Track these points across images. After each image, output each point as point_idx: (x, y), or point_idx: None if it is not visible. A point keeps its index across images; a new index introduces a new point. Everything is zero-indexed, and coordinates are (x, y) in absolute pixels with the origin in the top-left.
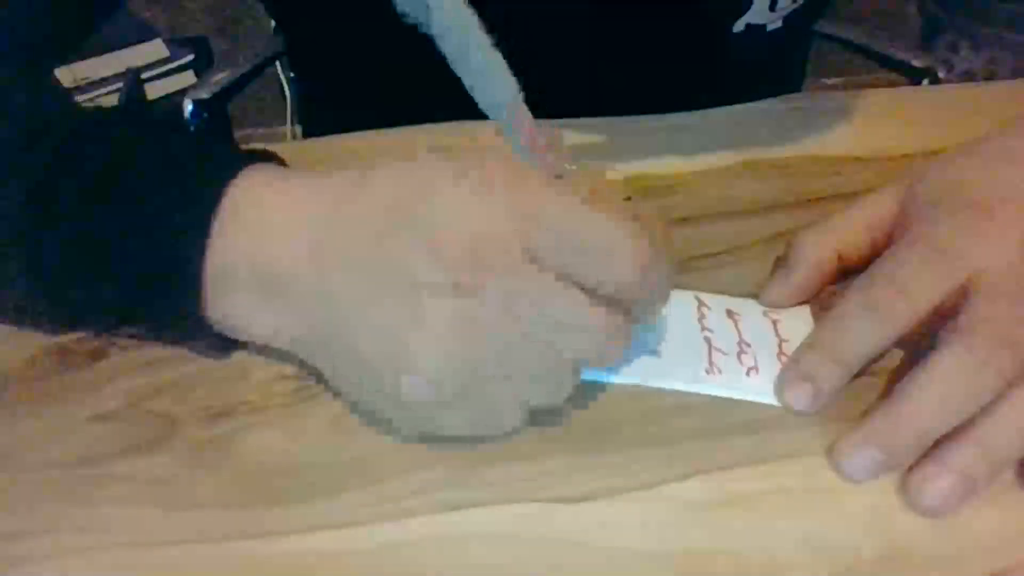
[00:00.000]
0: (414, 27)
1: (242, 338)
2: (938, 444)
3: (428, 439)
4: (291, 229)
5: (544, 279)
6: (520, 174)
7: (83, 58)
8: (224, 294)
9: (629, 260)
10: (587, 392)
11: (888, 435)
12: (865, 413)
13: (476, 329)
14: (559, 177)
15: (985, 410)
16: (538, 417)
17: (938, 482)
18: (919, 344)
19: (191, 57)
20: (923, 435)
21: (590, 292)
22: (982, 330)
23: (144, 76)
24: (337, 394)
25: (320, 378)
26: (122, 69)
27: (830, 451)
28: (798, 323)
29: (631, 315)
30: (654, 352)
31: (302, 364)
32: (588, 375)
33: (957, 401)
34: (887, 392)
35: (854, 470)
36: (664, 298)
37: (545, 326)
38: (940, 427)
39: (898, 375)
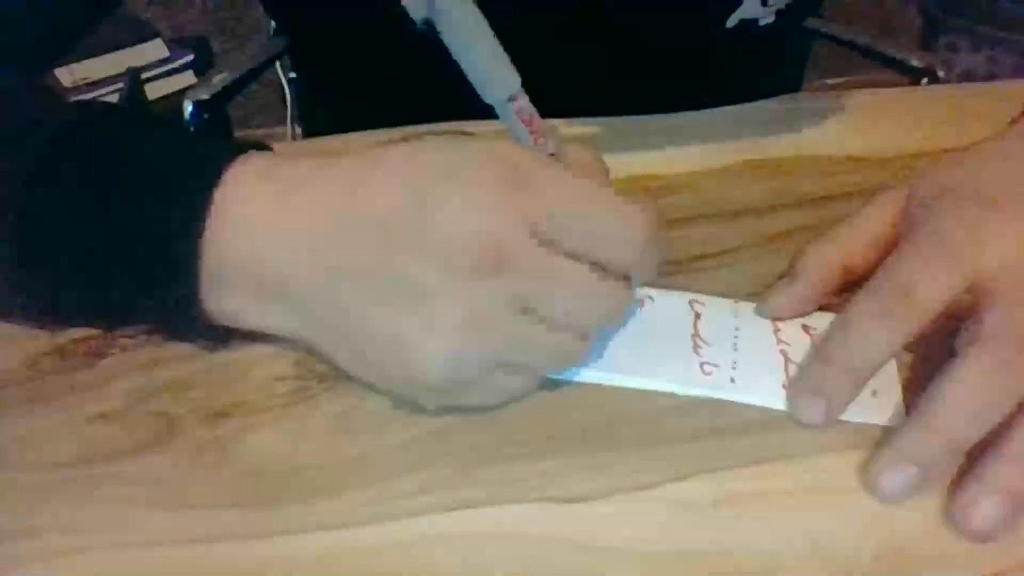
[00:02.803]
0: (413, 27)
1: (243, 328)
2: (974, 458)
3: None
4: (287, 234)
5: (555, 262)
6: (525, 160)
7: (83, 58)
8: (220, 293)
9: (638, 233)
10: (587, 392)
11: (920, 450)
12: None
13: (485, 329)
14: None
15: (1016, 422)
16: (538, 417)
17: (983, 506)
18: (930, 346)
19: (191, 57)
20: (955, 446)
21: (595, 265)
22: (1001, 335)
23: (144, 76)
24: (337, 394)
25: (320, 378)
26: (122, 69)
27: (863, 474)
28: (798, 326)
29: (630, 281)
30: (653, 354)
31: (302, 364)
32: (588, 377)
33: (985, 409)
34: (912, 404)
35: (891, 490)
36: (657, 265)
37: (558, 309)
38: (972, 436)
39: (908, 377)
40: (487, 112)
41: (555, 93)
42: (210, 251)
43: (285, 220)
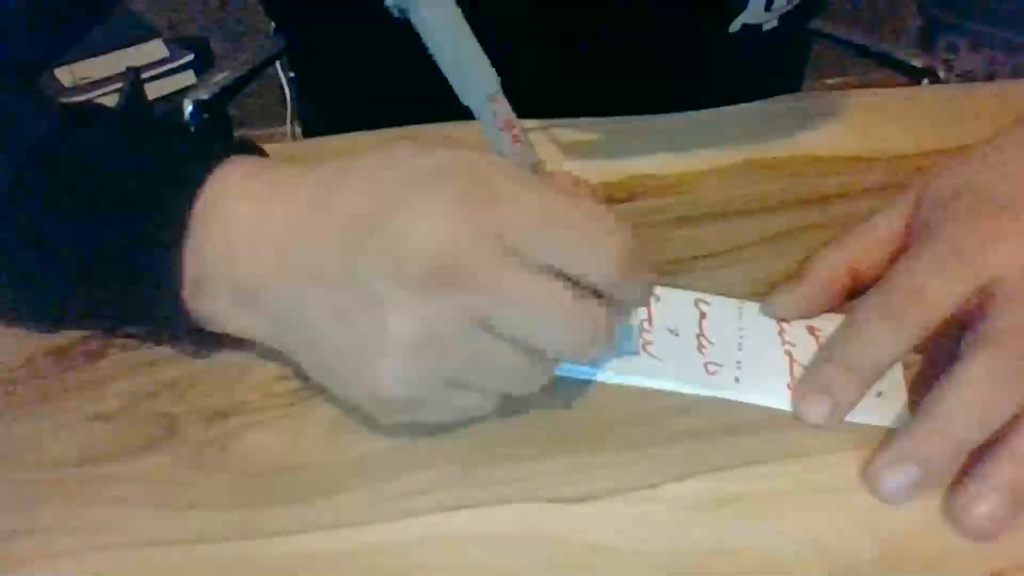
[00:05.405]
0: (409, 26)
1: (223, 332)
2: (975, 459)
3: (417, 431)
4: (260, 239)
5: (519, 278)
6: (496, 171)
7: (83, 58)
8: (202, 297)
9: (611, 247)
10: (587, 392)
11: (923, 450)
12: None
13: (438, 345)
14: (536, 170)
15: (1018, 422)
16: (538, 417)
17: (983, 504)
18: (937, 348)
19: (191, 57)
20: (958, 447)
21: (574, 283)
22: (1008, 337)
23: (144, 76)
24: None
25: None
26: (122, 69)
27: (865, 473)
28: (803, 327)
29: (615, 308)
30: (656, 354)
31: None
32: (591, 375)
33: (989, 411)
34: (916, 406)
35: (892, 490)
36: (647, 291)
37: (519, 328)
38: (975, 438)
39: (914, 379)
40: None
41: (555, 95)
42: (191, 255)
43: (259, 226)
